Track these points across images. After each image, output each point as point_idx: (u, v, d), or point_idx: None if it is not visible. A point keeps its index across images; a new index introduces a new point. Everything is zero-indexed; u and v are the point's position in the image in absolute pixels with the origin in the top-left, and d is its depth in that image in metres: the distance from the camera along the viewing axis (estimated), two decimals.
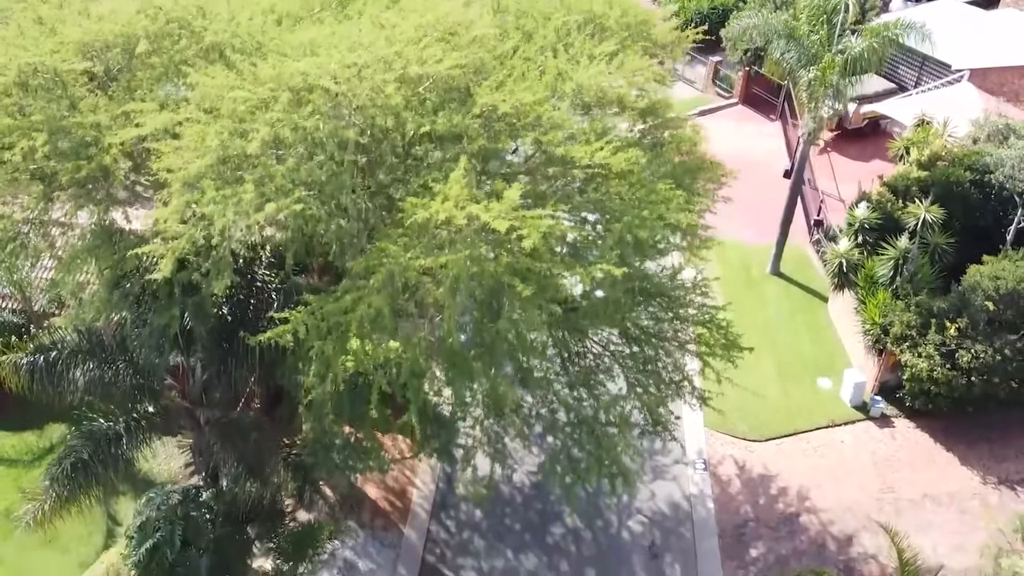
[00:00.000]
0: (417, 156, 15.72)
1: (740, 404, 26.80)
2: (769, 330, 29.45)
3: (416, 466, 24.68)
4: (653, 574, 22.41)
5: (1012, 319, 24.50)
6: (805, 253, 32.82)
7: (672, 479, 24.80)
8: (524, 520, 23.56)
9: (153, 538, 19.51)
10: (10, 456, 24.96)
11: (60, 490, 17.64)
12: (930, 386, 24.63)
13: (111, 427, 18.19)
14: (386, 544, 22.58)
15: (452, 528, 23.39)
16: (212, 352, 19.06)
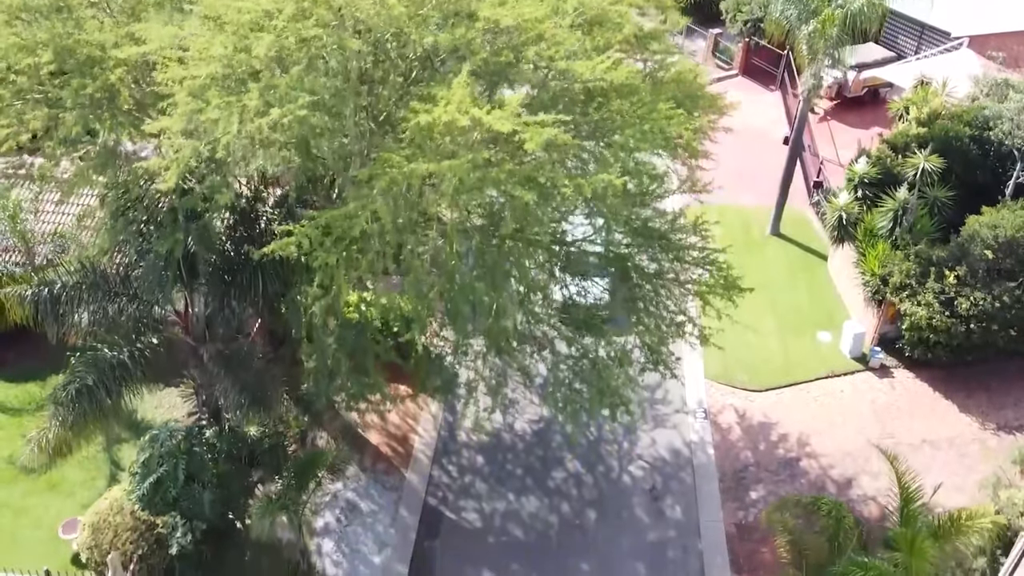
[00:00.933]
0: (419, 79, 15.84)
1: (740, 356, 26.99)
2: (769, 287, 29.49)
3: (418, 414, 24.79)
4: (654, 516, 22.51)
5: (1011, 267, 24.62)
6: (805, 215, 32.95)
7: (673, 427, 24.91)
8: (525, 465, 23.67)
9: (156, 473, 19.70)
10: (13, 405, 25.01)
11: (64, 415, 17.73)
12: (929, 334, 24.75)
13: (115, 356, 18.31)
14: (388, 487, 22.67)
15: (454, 473, 23.49)
16: (215, 286, 19.19)
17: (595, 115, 15.50)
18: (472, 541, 21.70)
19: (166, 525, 19.33)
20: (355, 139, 15.22)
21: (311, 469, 18.65)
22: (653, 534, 22.09)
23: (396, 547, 21.29)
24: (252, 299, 18.99)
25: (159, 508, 19.60)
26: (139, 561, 19.08)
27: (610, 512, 22.49)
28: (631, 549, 21.59)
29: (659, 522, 22.39)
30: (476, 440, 24.31)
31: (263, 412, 17.87)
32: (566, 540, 21.77)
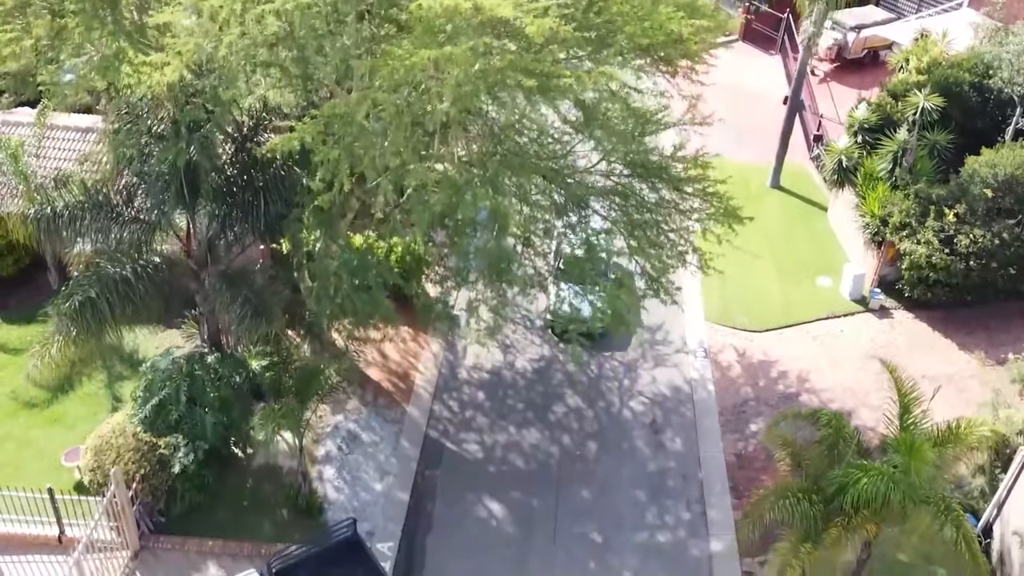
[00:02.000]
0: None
1: (740, 299, 27.10)
2: (769, 237, 29.62)
3: (419, 352, 24.87)
4: (654, 447, 22.59)
5: (1010, 206, 24.71)
6: (805, 169, 33.01)
7: (673, 366, 24.98)
8: (526, 400, 23.74)
9: (159, 395, 19.82)
10: (15, 346, 25.07)
11: (67, 327, 17.79)
12: (929, 273, 24.82)
13: (117, 272, 18.37)
14: (389, 420, 22.74)
15: (455, 408, 23.56)
16: (217, 207, 19.27)
17: (596, 19, 15.57)
18: (473, 470, 21.77)
19: (168, 446, 19.38)
20: (355, 44, 15.27)
21: (313, 382, 18.70)
22: (653, 464, 22.17)
23: (397, 476, 21.36)
24: (254, 220, 19.06)
25: (161, 430, 19.70)
26: (141, 481, 19.12)
27: (610, 444, 22.56)
28: (631, 478, 21.66)
29: (659, 453, 22.46)
30: (477, 377, 24.42)
31: (265, 324, 17.90)
32: (566, 469, 21.85)
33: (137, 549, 19.30)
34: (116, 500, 18.32)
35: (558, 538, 20.18)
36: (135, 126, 17.81)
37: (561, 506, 20.87)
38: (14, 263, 26.45)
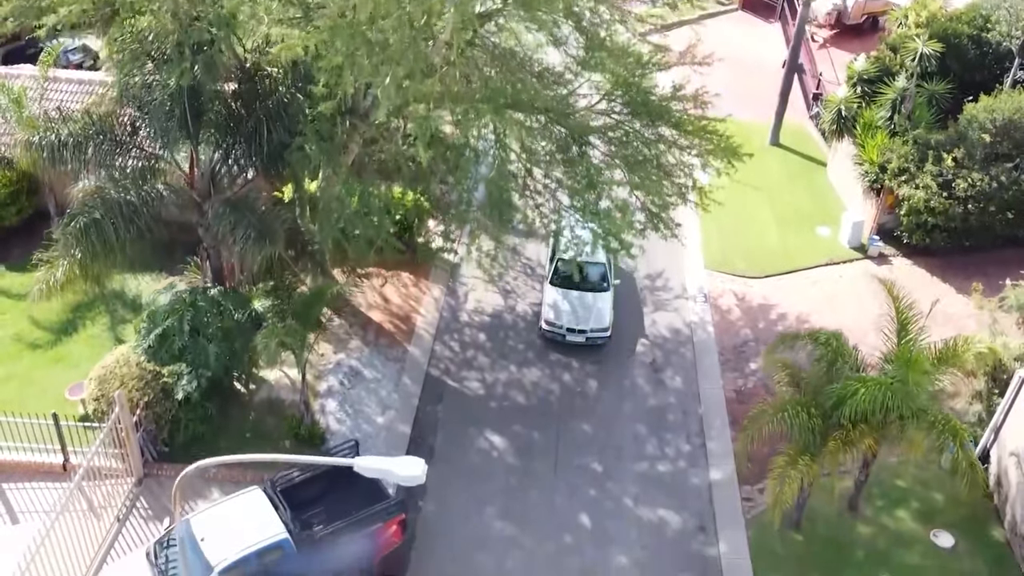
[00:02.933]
0: None
1: (740, 248, 27.28)
2: (769, 190, 29.79)
3: (420, 297, 24.99)
4: (654, 384, 22.73)
5: (1008, 150, 24.85)
6: (804, 128, 33.16)
7: (673, 311, 25.13)
8: (527, 342, 23.88)
9: (162, 325, 19.93)
10: (19, 291, 25.16)
11: (71, 249, 17.90)
12: (927, 217, 24.97)
13: (122, 196, 18.50)
14: (390, 358, 22.88)
15: (456, 348, 23.70)
16: (220, 135, 19.40)
17: None
18: (474, 406, 21.92)
19: (172, 374, 19.49)
20: None
21: (316, 303, 18.82)
22: (653, 400, 22.31)
23: (399, 410, 21.50)
24: (256, 149, 19.20)
25: (164, 359, 19.81)
26: (145, 408, 19.25)
27: (611, 381, 22.71)
28: (631, 413, 21.80)
29: (659, 390, 22.61)
30: (478, 320, 24.56)
31: (268, 245, 18.02)
32: (567, 405, 22.00)
33: (141, 476, 19.44)
34: (120, 424, 18.45)
35: (559, 469, 20.32)
36: (140, 48, 17.92)
37: (562, 439, 21.01)
38: (17, 213, 26.51)
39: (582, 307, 23.17)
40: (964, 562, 18.12)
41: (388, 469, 11.25)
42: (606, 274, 23.92)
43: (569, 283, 23.58)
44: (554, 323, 23.21)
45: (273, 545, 16.17)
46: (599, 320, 23.12)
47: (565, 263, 23.39)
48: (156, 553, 16.49)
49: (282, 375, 21.87)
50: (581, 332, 23.01)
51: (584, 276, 23.56)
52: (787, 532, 18.69)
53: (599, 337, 23.08)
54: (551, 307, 23.39)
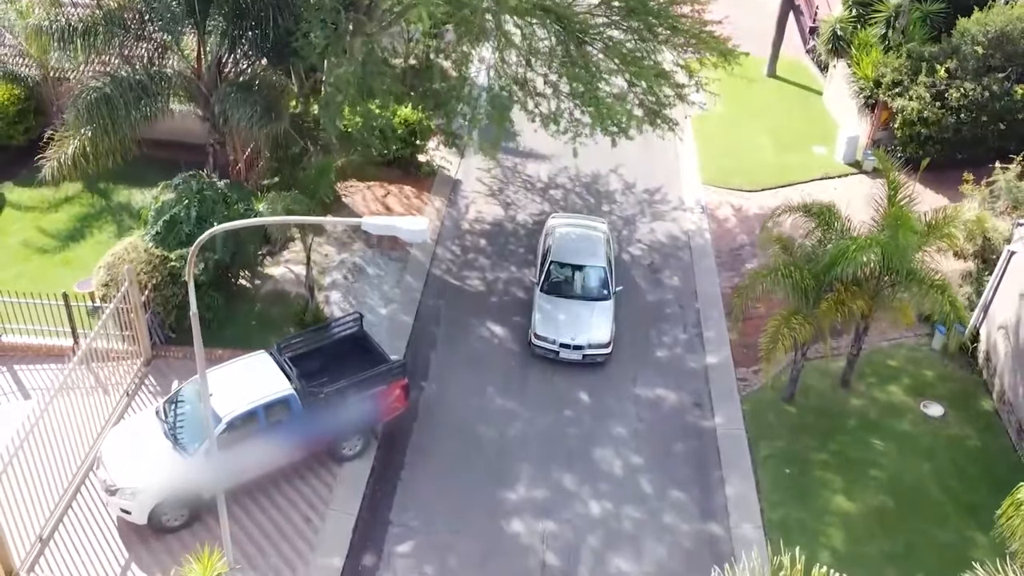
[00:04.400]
0: None
1: (737, 165, 27.71)
2: (765, 115, 30.26)
3: (422, 207, 25.40)
4: (652, 283, 23.16)
5: (1000, 63, 25.24)
6: (800, 61, 33.59)
7: (671, 221, 25.56)
8: (527, 246, 24.29)
9: (170, 213, 20.34)
10: (27, 204, 25.59)
11: (82, 124, 18.27)
12: (921, 129, 25.36)
13: (131, 76, 18.89)
14: (393, 259, 23.28)
15: (457, 252, 24.11)
16: (227, 22, 19.77)
17: None
18: (475, 300, 22.33)
19: (179, 258, 19.87)
20: None
21: (322, 177, 19.18)
22: (652, 296, 22.74)
23: (401, 303, 21.91)
24: (263, 37, 19.58)
25: (172, 246, 20.22)
26: (153, 290, 19.66)
27: None
28: (630, 307, 22.17)
29: (657, 288, 23.03)
30: (479, 228, 24.97)
31: (275, 121, 18.40)
32: None
33: (149, 357, 19.83)
34: (129, 300, 18.83)
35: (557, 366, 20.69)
36: None
37: None
38: (24, 132, 26.88)
39: (578, 319, 20.16)
40: (953, 428, 18.54)
41: (394, 225, 11.65)
42: (606, 280, 21.09)
43: (563, 290, 20.90)
44: (545, 337, 20.03)
45: (279, 400, 16.57)
46: (598, 334, 19.99)
47: (559, 267, 21.21)
48: (166, 411, 16.89)
49: (287, 270, 22.34)
50: (577, 348, 19.86)
51: (581, 282, 21.10)
52: (781, 405, 19.13)
53: (598, 354, 20.00)
54: (542, 318, 20.28)
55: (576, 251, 21.60)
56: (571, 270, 21.23)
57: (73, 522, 16.32)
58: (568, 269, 21.25)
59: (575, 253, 21.54)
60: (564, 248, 21.63)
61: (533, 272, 22.99)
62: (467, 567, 16.03)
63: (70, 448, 16.77)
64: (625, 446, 18.40)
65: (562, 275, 21.18)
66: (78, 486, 16.84)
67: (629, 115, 20.13)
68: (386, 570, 15.97)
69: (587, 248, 21.73)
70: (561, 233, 22.18)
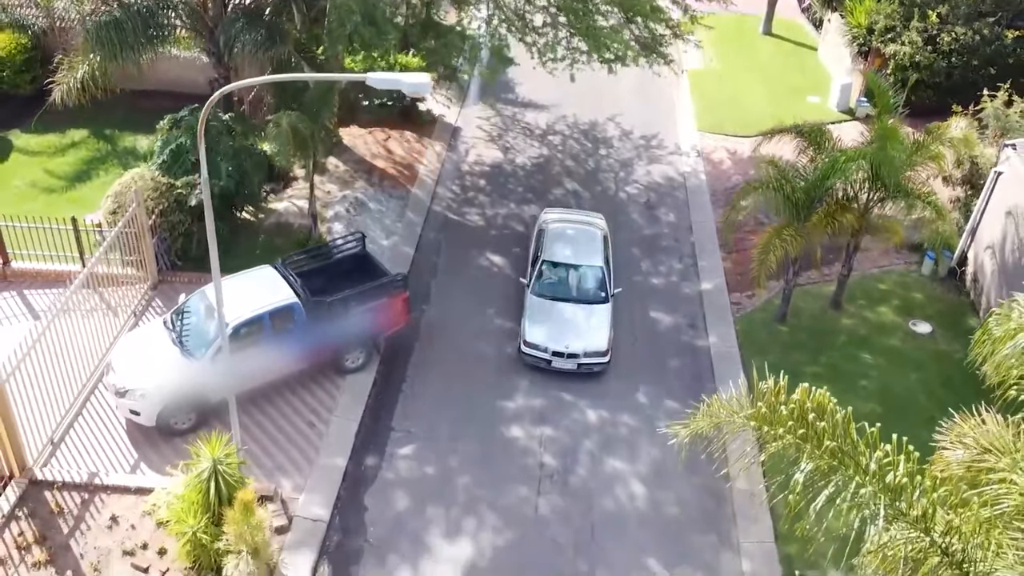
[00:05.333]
0: None
1: (732, 114, 28.16)
2: (760, 70, 30.74)
3: (423, 151, 25.84)
4: (648, 219, 23.61)
5: (991, 7, 25.71)
6: (796, 22, 34.10)
7: (668, 163, 26.02)
8: (526, 186, 24.76)
9: (176, 142, 20.78)
10: (34, 149, 26.02)
11: (91, 48, 18.69)
12: (913, 73, 25.81)
13: (140, 3, 19.31)
14: (394, 196, 23.73)
15: (457, 191, 24.57)
16: None
17: None
18: (475, 234, 22.78)
19: (185, 185, 20.31)
20: None
21: (324, 101, 19.57)
22: (648, 231, 23.19)
23: (402, 235, 22.35)
24: None
25: (178, 173, 20.66)
26: (160, 215, 20.08)
27: (607, 216, 23.41)
28: (626, 240, 22.65)
29: (653, 223, 23.49)
30: (479, 169, 25.43)
31: (279, 44, 18.82)
32: None
33: (156, 281, 20.24)
34: (135, 223, 19.23)
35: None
36: None
37: None
38: (31, 81, 27.30)
39: (573, 324, 18.47)
40: (941, 344, 18.99)
41: (397, 79, 12.08)
42: (604, 281, 19.30)
43: (556, 293, 19.12)
44: (536, 344, 18.26)
45: (284, 307, 17.00)
46: (594, 341, 18.21)
47: (552, 267, 19.51)
48: (172, 321, 17.31)
49: (290, 204, 22.79)
50: (571, 357, 18.10)
51: (576, 284, 19.39)
52: (773, 325, 19.58)
53: (594, 364, 18.23)
54: (532, 324, 18.55)
55: (571, 250, 19.80)
56: (565, 270, 19.41)
57: (84, 427, 16.75)
58: (562, 269, 19.43)
59: (570, 252, 19.73)
60: (557, 246, 19.84)
61: (530, 208, 23.45)
62: (467, 466, 16.47)
63: (79, 360, 17.17)
64: (621, 362, 18.82)
65: (555, 276, 19.38)
66: (87, 397, 17.26)
67: (626, 45, 20.55)
68: (388, 470, 16.40)
69: (583, 246, 19.93)
70: (555, 230, 20.40)
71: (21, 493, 15.26)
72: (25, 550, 14.43)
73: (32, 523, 14.83)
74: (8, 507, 14.98)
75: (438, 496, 15.94)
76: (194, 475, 13.85)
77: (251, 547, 13.16)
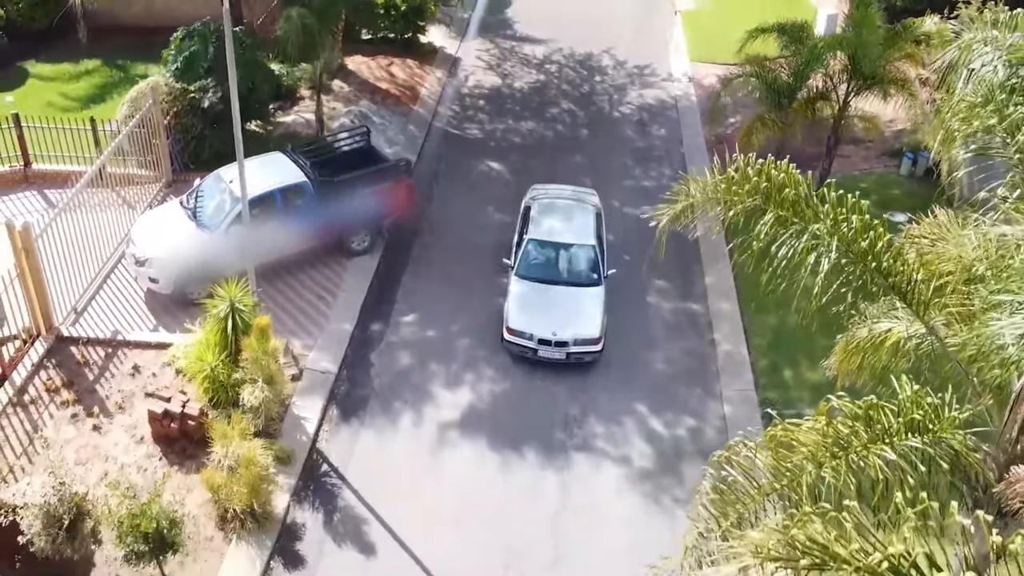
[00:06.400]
0: None
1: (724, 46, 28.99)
2: (752, 7, 31.64)
3: (424, 76, 26.84)
4: (641, 134, 24.63)
5: None
6: None
7: (660, 88, 27.02)
8: (524, 105, 25.77)
9: (189, 50, 21.78)
10: (49, 76, 26.97)
11: None
12: (896, 2, 26.75)
13: None
14: (397, 113, 24.74)
15: (457, 110, 25.57)
16: None
17: None
18: (475, 145, 23.81)
19: (198, 89, 21.28)
20: None
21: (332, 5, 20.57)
22: (640, 143, 24.21)
23: (405, 146, 23.35)
24: None
25: (191, 79, 21.65)
26: (174, 117, 21.08)
27: (600, 131, 24.59)
28: (620, 152, 23.66)
29: (646, 138, 24.50)
30: (478, 92, 26.43)
31: None
32: (560, 145, 23.89)
33: (171, 179, 21.22)
34: (150, 123, 20.20)
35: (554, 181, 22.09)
36: None
37: (556, 164, 22.86)
38: (45, 15, 28.25)
39: (561, 309, 16.79)
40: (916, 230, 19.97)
41: None
42: (597, 262, 17.66)
43: (544, 274, 17.48)
44: (520, 331, 16.59)
45: (294, 185, 18.04)
46: (585, 328, 16.59)
47: (539, 246, 17.80)
48: (187, 200, 18.31)
49: (297, 117, 23.77)
50: (560, 345, 16.45)
51: (566, 264, 17.79)
52: None
53: (586, 353, 16.61)
54: (516, 308, 16.88)
55: (560, 227, 18.17)
56: (553, 250, 17.78)
57: (106, 297, 17.76)
58: (550, 249, 17.79)
59: (559, 230, 18.09)
60: (545, 224, 18.23)
61: (528, 124, 24.44)
62: (467, 332, 17.49)
63: (99, 244, 18.11)
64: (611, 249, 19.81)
65: (542, 256, 17.71)
66: (107, 275, 18.24)
67: None
68: (392, 335, 17.42)
69: (574, 224, 18.34)
70: (543, 205, 18.86)
71: (49, 347, 16.27)
72: (54, 392, 15.44)
73: (60, 372, 15.84)
74: (37, 358, 15.99)
75: (439, 355, 16.96)
76: (212, 316, 14.84)
77: (266, 375, 14.15)
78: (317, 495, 14.21)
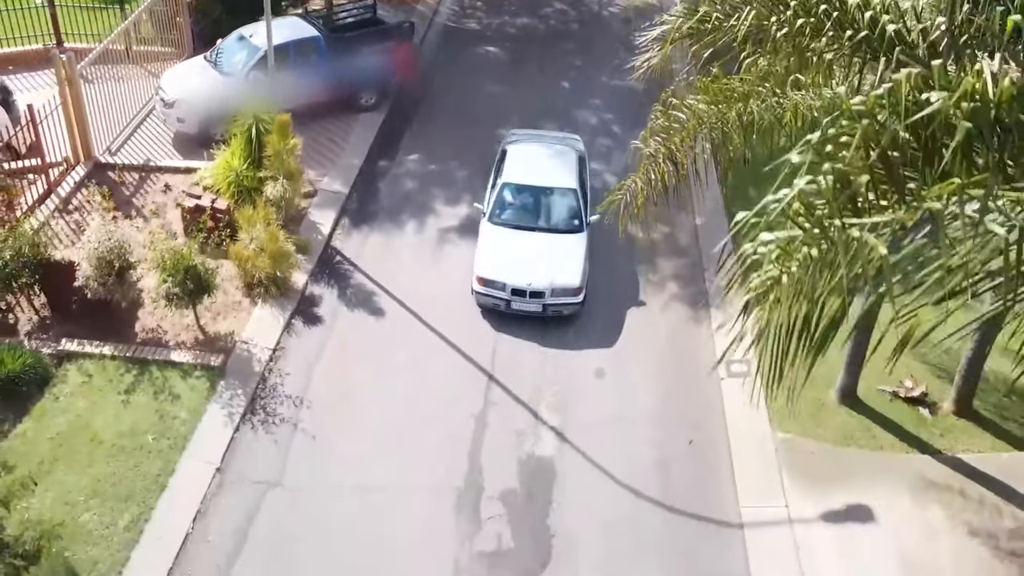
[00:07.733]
0: None
1: None
2: None
3: None
4: (628, 29, 26.32)
5: None
6: None
7: None
8: (519, 4, 27.49)
9: None
10: None
11: None
12: None
13: None
14: (399, 10, 26.34)
15: (456, 9, 27.32)
16: None
17: None
18: (471, 35, 25.59)
19: None
20: None
21: None
22: (627, 35, 25.94)
23: None
24: None
25: None
26: None
27: (592, 24, 26.35)
28: (611, 41, 25.34)
29: (633, 32, 26.17)
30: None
31: None
32: (553, 36, 25.64)
33: (191, 53, 22.95)
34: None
35: (545, 66, 23.81)
36: None
37: (548, 51, 24.62)
38: None
39: (538, 256, 15.39)
40: None
41: None
42: (578, 208, 16.23)
43: (520, 220, 16.10)
44: (492, 281, 15.12)
45: (308, 38, 19.86)
46: (564, 276, 15.18)
47: (515, 190, 16.39)
48: (211, 55, 20.07)
49: (304, 9, 25.50)
50: (536, 296, 15.00)
51: (545, 210, 16.33)
52: None
53: (564, 304, 15.19)
54: (487, 256, 15.48)
55: (538, 170, 16.81)
56: (530, 194, 16.35)
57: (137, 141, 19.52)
58: (527, 194, 16.36)
59: (537, 172, 16.70)
60: (522, 165, 16.81)
61: (521, 20, 26.15)
62: (467, 167, 19.27)
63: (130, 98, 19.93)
64: (598, 111, 21.60)
65: (518, 200, 16.34)
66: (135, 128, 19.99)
67: None
68: (398, 168, 19.23)
69: (553, 165, 17.01)
70: (520, 149, 17.45)
71: (88, 171, 18.04)
72: (93, 201, 17.20)
73: (99, 188, 17.59)
74: (78, 178, 17.75)
75: (441, 182, 18.77)
76: (238, 126, 16.58)
77: (286, 171, 15.90)
78: (332, 276, 16.00)
